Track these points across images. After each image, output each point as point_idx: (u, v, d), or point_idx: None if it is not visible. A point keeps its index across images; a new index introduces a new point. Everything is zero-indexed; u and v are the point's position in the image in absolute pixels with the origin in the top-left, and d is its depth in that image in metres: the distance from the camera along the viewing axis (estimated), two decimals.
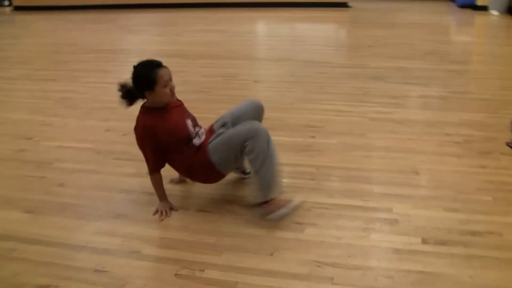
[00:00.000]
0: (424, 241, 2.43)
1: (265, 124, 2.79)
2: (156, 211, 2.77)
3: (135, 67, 2.59)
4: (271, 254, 2.39)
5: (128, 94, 2.67)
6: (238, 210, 2.77)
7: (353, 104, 4.37)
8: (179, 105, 2.79)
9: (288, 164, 3.20)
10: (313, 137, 3.72)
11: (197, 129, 2.76)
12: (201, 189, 2.99)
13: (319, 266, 2.28)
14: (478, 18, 8.76)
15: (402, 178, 3.05)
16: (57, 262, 2.38)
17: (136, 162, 3.38)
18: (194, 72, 5.62)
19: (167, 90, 2.59)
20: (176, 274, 2.27)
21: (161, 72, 2.56)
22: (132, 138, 2.72)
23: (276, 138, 3.29)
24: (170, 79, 2.61)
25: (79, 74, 5.76)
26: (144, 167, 2.80)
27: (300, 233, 2.54)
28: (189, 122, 2.72)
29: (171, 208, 2.80)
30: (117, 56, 6.72)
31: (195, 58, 6.30)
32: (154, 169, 2.74)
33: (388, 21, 8.43)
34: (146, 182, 3.05)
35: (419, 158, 3.31)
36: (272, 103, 4.47)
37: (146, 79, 2.55)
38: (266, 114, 3.04)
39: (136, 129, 2.68)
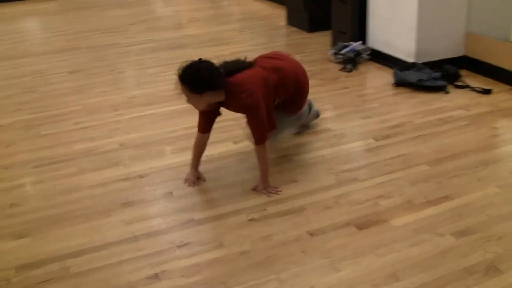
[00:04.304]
0: (376, 139, 3.22)
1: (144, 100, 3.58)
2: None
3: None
4: (296, 181, 2.82)
5: None
6: (233, 157, 3.04)
7: None
8: None
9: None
10: None
11: None
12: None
13: (337, 175, 2.84)
14: None
15: None
16: (129, 257, 2.30)
17: (66, 162, 3.19)
18: None
19: None
20: (249, 220, 2.50)
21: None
22: (26, 145, 2.96)
23: (163, 109, 3.90)
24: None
25: None
26: (85, 162, 2.93)
27: (289, 163, 3.01)
28: None
29: None
30: None
31: None
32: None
33: (119, 1, 8.60)
34: (109, 172, 3.04)
35: None
36: (121, 84, 4.52)
37: None
38: (137, 92, 3.84)
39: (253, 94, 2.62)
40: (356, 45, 4.60)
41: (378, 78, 4.29)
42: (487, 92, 3.74)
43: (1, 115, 3.97)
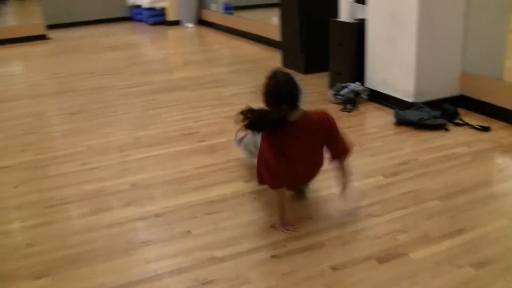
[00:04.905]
0: (385, 176, 3.29)
1: (149, 141, 3.65)
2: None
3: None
4: (311, 218, 2.86)
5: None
6: (247, 196, 3.08)
7: (195, 111, 4.83)
8: None
9: (215, 164, 3.61)
10: (203, 140, 4.09)
11: None
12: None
13: (352, 212, 2.90)
14: (179, 31, 9.91)
15: None
16: None
17: (78, 202, 3.19)
18: None
19: None
20: (272, 256, 2.53)
21: None
22: (35, 185, 3.16)
23: (171, 150, 3.93)
24: None
25: None
26: (97, 203, 3.00)
27: (302, 200, 3.06)
28: None
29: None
30: None
31: None
32: None
33: (110, 45, 8.73)
34: (123, 212, 3.05)
35: None
36: (125, 125, 4.57)
37: None
38: (142, 133, 3.97)
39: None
40: (355, 85, 4.73)
41: (379, 118, 4.41)
42: (486, 129, 3.86)
43: (7, 156, 3.97)
